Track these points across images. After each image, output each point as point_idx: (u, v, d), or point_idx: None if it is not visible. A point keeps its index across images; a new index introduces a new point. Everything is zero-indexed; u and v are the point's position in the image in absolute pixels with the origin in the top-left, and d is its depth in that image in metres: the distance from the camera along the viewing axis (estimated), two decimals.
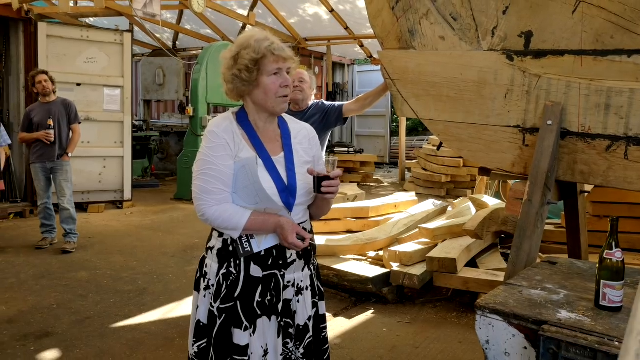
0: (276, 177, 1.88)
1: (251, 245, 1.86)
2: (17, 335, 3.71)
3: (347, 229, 5.82)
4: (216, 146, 1.86)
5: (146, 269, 5.32)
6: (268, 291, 1.88)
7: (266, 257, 1.88)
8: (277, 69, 1.86)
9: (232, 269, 1.89)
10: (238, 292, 1.87)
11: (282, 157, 1.93)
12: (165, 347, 3.56)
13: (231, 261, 1.89)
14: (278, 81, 1.86)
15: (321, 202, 2.00)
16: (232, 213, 1.82)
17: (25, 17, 7.66)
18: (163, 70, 11.60)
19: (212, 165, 1.84)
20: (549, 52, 2.82)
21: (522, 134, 2.95)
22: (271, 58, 1.84)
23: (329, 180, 1.85)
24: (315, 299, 2.03)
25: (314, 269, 2.05)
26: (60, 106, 5.93)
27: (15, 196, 7.88)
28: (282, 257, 1.90)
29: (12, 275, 5.01)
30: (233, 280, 1.88)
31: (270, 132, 1.96)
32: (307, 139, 2.04)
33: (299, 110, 3.97)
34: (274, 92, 1.87)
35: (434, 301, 4.44)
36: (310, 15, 11.51)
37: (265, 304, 1.88)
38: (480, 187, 7.50)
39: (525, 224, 2.71)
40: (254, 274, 1.87)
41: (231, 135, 1.88)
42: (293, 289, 1.94)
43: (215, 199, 1.83)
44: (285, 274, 1.91)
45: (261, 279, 1.88)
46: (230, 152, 1.86)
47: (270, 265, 1.89)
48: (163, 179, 11.91)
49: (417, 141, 15.15)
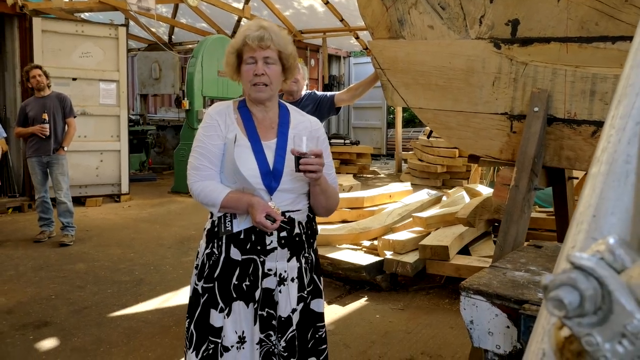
0: (261, 159, 1.92)
1: (232, 225, 1.91)
2: (17, 325, 3.77)
3: (342, 219, 5.87)
4: (207, 126, 1.97)
5: (143, 260, 5.37)
6: (246, 276, 1.91)
7: (245, 240, 1.91)
8: (251, 58, 1.91)
9: (215, 250, 1.95)
10: (217, 272, 1.93)
11: (273, 143, 1.97)
12: (161, 335, 3.62)
13: (215, 242, 1.95)
14: (251, 70, 1.91)
15: (313, 188, 1.96)
16: (212, 189, 1.91)
17: (20, 13, 7.68)
18: (159, 64, 11.61)
19: (202, 144, 1.96)
20: (535, 40, 2.86)
21: (510, 121, 3.00)
22: (247, 47, 1.91)
23: (305, 157, 1.82)
24: (304, 293, 1.99)
25: (306, 263, 2.00)
26: (55, 100, 5.97)
27: (14, 191, 7.93)
28: (261, 242, 1.90)
29: (11, 268, 5.06)
30: (215, 260, 1.94)
31: (267, 119, 2.01)
32: (308, 131, 2.03)
33: (293, 101, 4.02)
34: (249, 80, 1.92)
35: (427, 288, 4.50)
36: (305, 7, 11.53)
37: (242, 288, 1.90)
38: (475, 176, 7.55)
39: (512, 209, 2.76)
40: (233, 256, 1.92)
41: (224, 117, 1.98)
42: (275, 279, 1.92)
43: (201, 175, 1.94)
44: (266, 261, 1.91)
45: (240, 262, 1.91)
46: (220, 133, 1.95)
47: (249, 250, 1.91)
48: (160, 172, 11.96)
49: (413, 132, 15.18)
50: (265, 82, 1.92)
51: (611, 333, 0.38)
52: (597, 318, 0.39)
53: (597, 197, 0.52)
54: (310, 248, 2.04)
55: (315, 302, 2.04)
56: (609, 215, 0.48)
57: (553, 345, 0.43)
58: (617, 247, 0.41)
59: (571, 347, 0.41)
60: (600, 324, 0.39)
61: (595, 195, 0.53)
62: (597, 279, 0.39)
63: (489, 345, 1.95)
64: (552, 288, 0.40)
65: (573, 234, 0.54)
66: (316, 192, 1.97)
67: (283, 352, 1.93)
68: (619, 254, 0.40)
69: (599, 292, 0.39)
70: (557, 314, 0.40)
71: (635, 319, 0.38)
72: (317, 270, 2.09)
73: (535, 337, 0.54)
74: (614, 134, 0.54)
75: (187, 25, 11.92)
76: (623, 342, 0.38)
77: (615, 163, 0.51)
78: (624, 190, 0.49)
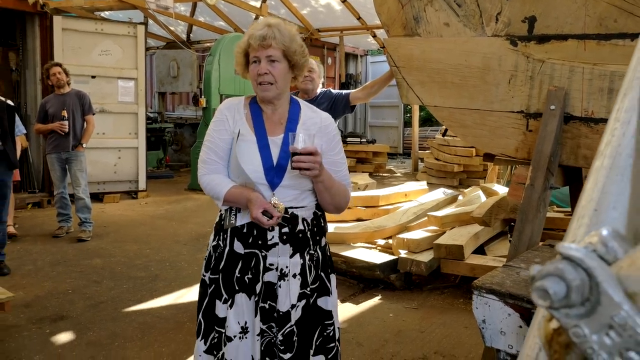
0: (266, 155, 1.93)
1: (236, 219, 1.95)
2: (34, 318, 3.82)
3: (357, 217, 5.85)
4: (217, 121, 2.03)
5: (159, 256, 5.42)
6: (248, 269, 1.94)
7: (247, 234, 1.94)
8: (255, 57, 1.93)
9: (221, 242, 2.00)
10: (222, 265, 1.98)
11: (280, 139, 1.97)
12: (175, 330, 3.64)
13: (221, 234, 2.00)
14: (255, 69, 1.93)
15: (315, 185, 1.95)
16: (218, 182, 1.96)
17: (41, 11, 7.78)
18: (177, 62, 11.70)
19: (211, 138, 2.01)
20: (553, 37, 2.83)
21: (526, 119, 2.97)
22: (251, 47, 1.92)
23: (298, 155, 1.80)
24: (307, 290, 1.97)
25: (310, 260, 1.99)
26: (75, 97, 6.04)
27: (33, 187, 8.05)
28: (262, 237, 1.92)
29: (30, 263, 5.13)
30: (220, 252, 1.99)
31: (276, 115, 2.02)
32: (317, 127, 2.02)
33: (308, 99, 4.02)
34: (254, 79, 1.95)
35: (442, 288, 4.48)
36: (322, 5, 11.52)
37: (245, 281, 1.94)
38: (491, 176, 7.48)
39: (527, 208, 2.73)
40: (237, 249, 1.95)
41: (233, 112, 2.02)
42: (276, 273, 1.93)
43: (208, 168, 1.99)
44: (268, 256, 1.92)
45: (242, 256, 1.95)
46: (228, 127, 1.99)
47: (251, 244, 1.93)
48: (177, 169, 12.04)
49: (430, 131, 15.10)
50: (270, 80, 1.92)
51: (598, 324, 0.38)
52: (585, 309, 0.38)
53: (599, 191, 0.51)
54: (316, 245, 2.02)
55: (322, 299, 2.03)
56: (611, 210, 0.47)
57: (542, 337, 0.42)
58: (610, 239, 0.40)
59: (559, 338, 0.40)
60: (588, 316, 0.38)
61: (598, 190, 0.52)
62: (586, 270, 0.38)
63: (501, 345, 1.94)
64: (538, 278, 0.39)
65: (574, 228, 0.53)
66: (319, 189, 1.96)
67: (280, 345, 1.94)
68: (612, 246, 0.40)
69: (586, 283, 0.38)
70: (542, 303, 0.39)
71: (623, 310, 0.37)
72: (325, 268, 2.06)
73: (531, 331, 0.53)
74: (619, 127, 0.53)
75: (206, 23, 11.99)
76: (610, 334, 0.37)
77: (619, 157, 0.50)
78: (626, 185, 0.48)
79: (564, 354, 0.40)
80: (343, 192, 2.06)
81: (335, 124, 2.15)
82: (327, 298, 2.04)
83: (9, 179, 4.71)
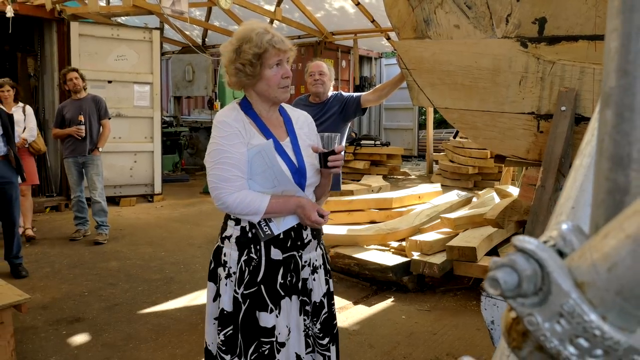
0: (287, 160, 1.96)
1: (271, 229, 1.93)
2: (51, 320, 3.89)
3: (371, 219, 5.86)
4: (229, 135, 1.91)
5: (174, 259, 5.47)
6: (288, 272, 1.97)
7: (285, 239, 1.96)
8: (279, 61, 1.93)
9: (253, 255, 1.95)
10: (261, 276, 1.94)
11: (288, 142, 2.01)
12: (189, 332, 3.68)
13: (251, 247, 1.95)
14: (280, 72, 1.94)
15: (324, 180, 2.09)
16: (252, 198, 1.88)
17: (58, 17, 7.91)
18: (192, 66, 11.80)
19: (228, 154, 1.89)
20: (563, 38, 2.82)
21: (537, 121, 2.96)
22: (272, 51, 1.90)
23: (334, 154, 1.93)
24: (327, 277, 2.13)
25: (323, 248, 2.16)
26: (91, 102, 6.13)
27: (51, 190, 8.17)
28: (300, 238, 1.99)
29: (47, 265, 5.22)
30: (255, 265, 1.94)
31: (274, 119, 2.05)
32: (306, 124, 2.14)
33: (320, 102, 4.04)
34: (277, 83, 1.94)
35: (455, 290, 4.47)
36: (336, 9, 11.56)
37: (287, 284, 1.98)
38: (506, 177, 7.44)
39: (538, 209, 2.73)
40: (274, 257, 1.95)
41: (242, 123, 1.94)
42: (309, 268, 2.04)
43: (234, 186, 1.88)
44: (302, 255, 2.01)
45: (282, 262, 1.96)
46: (243, 140, 1.91)
47: (290, 247, 1.97)
48: (193, 173, 12.14)
49: (445, 134, 15.03)
50: (289, 83, 1.99)
51: (550, 313, 0.39)
52: (538, 299, 0.40)
53: (577, 190, 0.53)
54: (321, 235, 2.17)
55: (330, 282, 2.17)
56: (587, 207, 0.48)
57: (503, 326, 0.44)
58: (569, 232, 0.42)
59: (517, 327, 0.42)
60: (540, 305, 0.40)
61: (576, 188, 0.53)
62: (537, 261, 0.40)
63: None
64: (492, 268, 0.41)
65: (552, 225, 0.55)
66: (324, 183, 2.11)
67: (318, 333, 2.04)
68: (570, 239, 0.41)
69: (539, 273, 0.40)
70: (492, 292, 0.41)
71: (571, 298, 0.39)
72: (327, 254, 2.23)
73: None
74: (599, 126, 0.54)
75: (221, 28, 12.07)
76: (561, 321, 0.39)
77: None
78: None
79: (521, 341, 0.42)
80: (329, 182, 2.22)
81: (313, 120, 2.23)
82: (330, 280, 2.17)
83: (16, 180, 4.81)
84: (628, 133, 0.43)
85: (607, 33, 0.47)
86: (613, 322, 0.38)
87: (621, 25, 0.44)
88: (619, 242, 0.37)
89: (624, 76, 0.44)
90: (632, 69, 0.43)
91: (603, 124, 0.45)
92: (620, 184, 0.43)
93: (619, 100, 0.44)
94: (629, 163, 0.43)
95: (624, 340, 0.38)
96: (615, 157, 0.43)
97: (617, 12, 0.45)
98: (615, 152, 0.43)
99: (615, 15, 0.45)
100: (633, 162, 0.43)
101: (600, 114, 0.46)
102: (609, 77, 0.46)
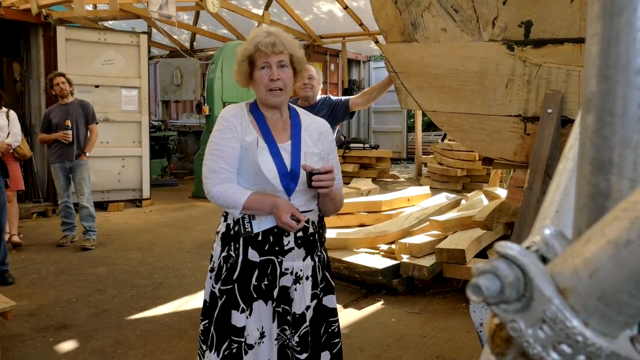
0: (279, 161, 1.96)
1: (252, 226, 1.95)
2: (38, 327, 3.84)
3: (360, 222, 5.86)
4: (224, 129, 2.00)
5: (162, 264, 5.44)
6: (265, 276, 1.95)
7: (263, 242, 1.95)
8: (265, 63, 1.95)
9: (232, 252, 1.98)
10: (236, 275, 1.96)
11: (288, 145, 2.01)
12: (178, 338, 3.66)
13: (232, 244, 1.98)
14: (266, 75, 1.95)
15: (322, 197, 2.03)
16: (234, 191, 1.94)
17: (45, 22, 7.85)
18: (180, 70, 11.76)
19: (219, 147, 1.98)
20: (549, 41, 2.84)
21: (524, 123, 2.98)
22: (258, 54, 1.94)
23: (319, 174, 1.88)
24: (317, 290, 2.05)
25: (318, 261, 2.07)
26: (78, 107, 6.09)
27: (38, 196, 8.09)
28: (279, 243, 1.96)
29: (34, 272, 5.17)
30: (232, 263, 1.97)
31: (279, 121, 2.06)
32: (319, 132, 2.10)
33: (308, 106, 4.04)
34: (264, 85, 1.97)
35: (444, 292, 4.48)
36: (324, 12, 11.59)
37: (262, 288, 1.95)
38: (495, 180, 7.48)
39: (525, 211, 2.74)
40: (251, 258, 1.95)
41: (239, 119, 2.01)
42: (291, 277, 1.98)
43: (219, 178, 1.96)
44: (283, 261, 1.97)
45: (258, 264, 1.95)
46: (237, 135, 1.98)
47: (267, 251, 1.95)
48: (182, 177, 12.09)
49: (434, 136, 15.11)
50: (281, 86, 1.97)
51: (532, 319, 0.39)
52: (521, 305, 0.40)
53: (561, 194, 0.53)
54: (322, 246, 2.11)
55: (327, 298, 2.10)
56: (572, 211, 0.48)
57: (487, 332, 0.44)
58: (552, 238, 0.42)
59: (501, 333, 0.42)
60: (523, 311, 0.40)
61: (560, 192, 0.54)
62: (520, 267, 0.40)
63: None
64: (475, 275, 0.41)
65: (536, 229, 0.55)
66: (325, 201, 2.05)
67: (296, 346, 1.99)
68: (552, 245, 0.41)
69: (521, 279, 0.40)
70: (475, 299, 0.41)
71: (553, 304, 0.39)
72: (328, 268, 2.15)
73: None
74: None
75: (208, 32, 12.06)
76: (543, 328, 0.39)
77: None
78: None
79: (505, 347, 0.42)
80: (341, 198, 2.16)
81: (331, 129, 2.19)
82: (331, 296, 2.13)
83: (2, 184, 4.76)
84: (609, 138, 0.43)
85: (587, 38, 0.47)
86: (595, 327, 0.38)
87: (601, 30, 0.44)
88: (600, 248, 0.37)
89: (604, 81, 0.44)
90: (612, 73, 0.43)
91: (584, 128, 0.46)
92: (602, 189, 0.43)
93: (599, 105, 0.44)
94: (610, 168, 0.43)
95: (606, 346, 0.38)
96: (597, 162, 0.44)
97: (598, 17, 0.45)
98: (597, 157, 0.43)
99: (596, 20, 0.45)
100: (614, 167, 0.43)
101: (581, 119, 0.46)
102: (589, 82, 0.46)
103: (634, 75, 0.42)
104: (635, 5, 0.42)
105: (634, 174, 0.42)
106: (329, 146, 2.12)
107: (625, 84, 0.43)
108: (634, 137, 0.42)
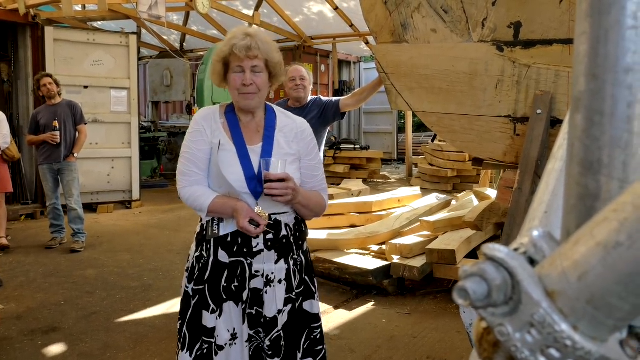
0: (246, 164, 1.94)
1: (219, 228, 1.95)
2: (25, 330, 3.80)
3: (351, 223, 5.85)
4: (194, 132, 2.01)
5: (152, 265, 5.41)
6: (234, 277, 1.94)
7: (232, 243, 1.94)
8: (238, 66, 1.92)
9: (204, 253, 1.98)
10: (207, 275, 1.96)
11: (259, 147, 1.98)
12: (168, 340, 3.63)
13: (204, 245, 1.99)
14: (239, 79, 1.92)
15: (294, 206, 2.00)
16: (200, 194, 1.94)
17: (33, 22, 7.79)
18: (170, 71, 11.70)
19: (189, 149, 1.99)
20: (538, 42, 2.85)
21: (513, 124, 2.98)
22: (234, 56, 1.91)
23: (269, 182, 1.85)
24: (292, 295, 2.00)
25: (294, 265, 2.02)
26: (66, 108, 6.04)
27: (26, 198, 8.02)
28: (247, 245, 1.93)
29: (22, 274, 5.12)
30: (204, 263, 1.97)
31: (253, 123, 2.03)
32: (294, 133, 2.05)
33: (299, 107, 4.04)
34: (235, 88, 1.95)
35: (435, 293, 4.48)
36: (315, 13, 11.57)
37: (232, 289, 1.94)
38: (485, 180, 7.51)
39: (515, 211, 2.74)
40: (221, 259, 1.95)
41: (209, 122, 2.00)
42: (262, 280, 1.95)
43: (188, 181, 1.98)
44: (253, 263, 1.94)
45: (227, 265, 1.94)
46: (206, 138, 1.98)
47: (236, 252, 1.93)
48: (171, 179, 11.99)
49: (424, 137, 15.14)
50: (254, 91, 1.94)
51: (520, 323, 0.39)
52: (509, 308, 0.39)
53: (550, 194, 0.52)
54: (299, 250, 2.05)
55: (307, 303, 2.06)
56: (560, 212, 0.48)
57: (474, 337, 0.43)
58: (540, 239, 0.41)
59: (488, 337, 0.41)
60: (511, 314, 0.39)
61: (549, 192, 0.53)
62: (507, 270, 0.39)
63: None
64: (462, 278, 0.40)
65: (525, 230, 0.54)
66: (297, 208, 2.01)
67: (267, 350, 1.97)
68: (541, 247, 0.41)
69: (509, 282, 0.39)
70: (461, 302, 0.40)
71: (542, 308, 0.38)
72: (309, 272, 2.10)
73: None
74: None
75: (198, 32, 12.01)
76: (532, 332, 0.38)
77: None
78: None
79: (492, 352, 0.41)
80: (319, 202, 2.09)
81: (311, 129, 2.15)
82: (312, 301, 2.08)
83: None
84: (598, 138, 0.42)
85: (576, 36, 0.46)
86: (584, 331, 0.37)
87: (590, 28, 0.44)
88: (589, 250, 0.36)
89: (593, 80, 0.43)
90: (601, 72, 0.43)
91: (573, 128, 0.45)
92: (591, 190, 0.43)
93: (588, 105, 0.43)
94: (599, 168, 0.42)
95: (595, 350, 0.37)
96: (586, 162, 0.43)
97: (586, 16, 0.44)
98: (586, 157, 0.43)
99: (584, 18, 0.45)
100: (603, 168, 0.42)
101: (570, 118, 0.45)
102: (578, 81, 0.45)
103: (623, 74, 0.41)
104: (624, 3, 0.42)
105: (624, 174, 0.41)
106: (306, 147, 2.06)
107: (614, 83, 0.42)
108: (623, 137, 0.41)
